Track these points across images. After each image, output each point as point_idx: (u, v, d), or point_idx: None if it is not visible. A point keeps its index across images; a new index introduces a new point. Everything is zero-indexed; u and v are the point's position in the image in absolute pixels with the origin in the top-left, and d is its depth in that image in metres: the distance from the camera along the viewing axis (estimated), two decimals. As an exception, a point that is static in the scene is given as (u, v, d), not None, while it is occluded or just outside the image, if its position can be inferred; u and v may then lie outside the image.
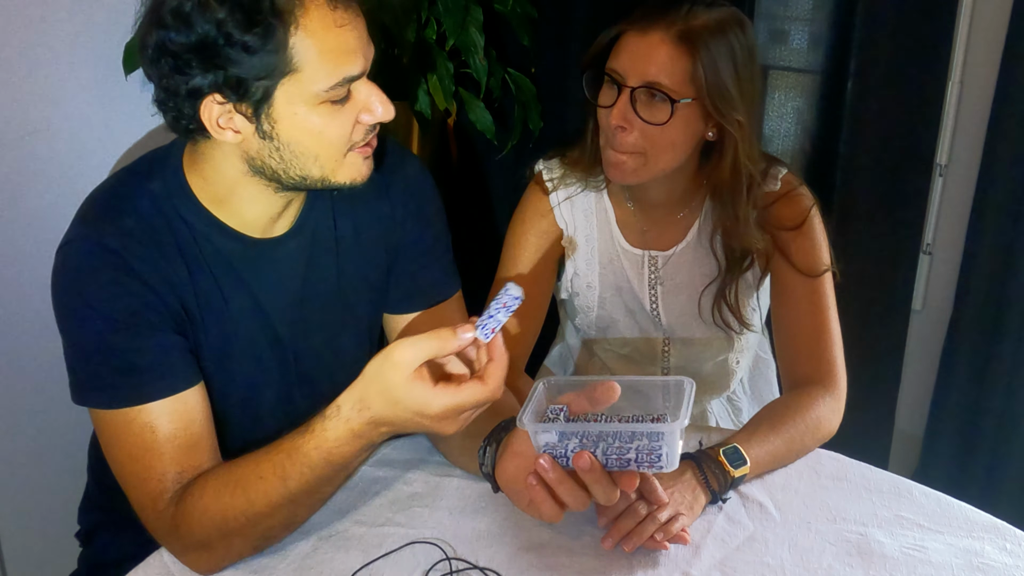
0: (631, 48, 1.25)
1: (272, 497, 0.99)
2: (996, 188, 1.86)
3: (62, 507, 1.38)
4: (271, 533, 1.05)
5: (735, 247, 1.35)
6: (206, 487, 1.01)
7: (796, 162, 2.07)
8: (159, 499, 1.03)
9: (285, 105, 0.98)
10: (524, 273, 1.42)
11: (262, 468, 0.99)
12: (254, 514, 0.99)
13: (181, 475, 1.03)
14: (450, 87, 1.94)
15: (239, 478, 1.00)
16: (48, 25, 1.58)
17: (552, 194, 1.42)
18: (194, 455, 1.05)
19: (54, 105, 1.62)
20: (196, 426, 1.06)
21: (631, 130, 1.25)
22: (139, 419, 1.02)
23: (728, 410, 1.59)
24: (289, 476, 0.98)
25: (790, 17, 2.06)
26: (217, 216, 1.08)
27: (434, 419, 0.92)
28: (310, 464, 0.97)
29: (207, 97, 0.97)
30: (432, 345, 0.90)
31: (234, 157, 1.04)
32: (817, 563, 1.05)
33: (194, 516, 1.00)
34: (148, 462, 1.03)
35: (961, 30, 1.89)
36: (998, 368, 1.93)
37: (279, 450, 0.99)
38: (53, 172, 1.62)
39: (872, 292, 1.99)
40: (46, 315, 1.05)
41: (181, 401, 1.04)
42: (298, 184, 1.05)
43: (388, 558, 1.05)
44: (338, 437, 0.96)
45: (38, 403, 1.68)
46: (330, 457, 0.97)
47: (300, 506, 1.03)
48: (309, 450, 0.97)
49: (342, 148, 1.03)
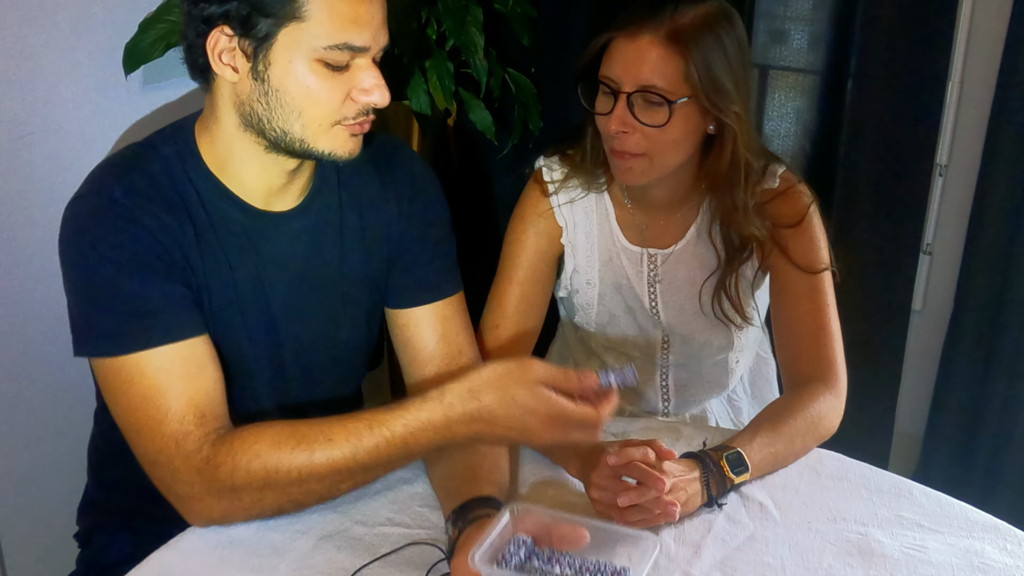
0: (622, 53, 1.25)
1: (335, 460, 1.00)
2: (996, 188, 1.86)
3: (62, 507, 1.38)
4: (307, 499, 1.05)
5: (733, 237, 1.35)
6: (262, 435, 1.02)
7: (796, 162, 2.08)
8: (183, 440, 1.02)
9: (283, 51, 1.01)
10: (523, 272, 1.42)
11: (333, 431, 1.01)
12: (308, 473, 1.01)
13: (203, 420, 1.03)
14: (450, 87, 1.95)
15: (304, 435, 1.01)
16: (48, 25, 1.58)
17: (552, 196, 1.42)
18: (214, 401, 1.05)
19: (54, 105, 1.62)
20: (210, 372, 1.06)
21: (632, 134, 1.26)
22: (152, 362, 1.03)
23: (728, 409, 1.59)
24: (362, 445, 1.00)
25: (790, 17, 2.06)
26: (222, 181, 1.11)
27: (542, 420, 0.98)
28: (389, 438, 1.00)
29: (217, 27, 1.01)
30: (561, 373, 0.99)
31: (230, 106, 1.07)
32: (817, 563, 1.05)
33: (241, 459, 1.01)
34: (164, 404, 1.03)
35: (961, 30, 1.89)
36: (998, 368, 1.93)
37: (357, 419, 1.01)
38: (53, 172, 1.62)
39: (872, 292, 1.99)
40: (46, 315, 1.06)
41: (192, 347, 1.05)
42: (279, 140, 1.06)
43: (388, 558, 1.05)
44: (431, 419, 0.99)
45: (38, 403, 1.68)
46: (411, 438, 1.00)
47: (350, 479, 1.04)
48: (395, 424, 1.00)
49: (328, 116, 1.05)
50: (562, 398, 0.98)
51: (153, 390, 1.03)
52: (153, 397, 1.03)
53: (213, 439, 1.02)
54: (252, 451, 1.01)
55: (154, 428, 1.03)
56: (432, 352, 1.24)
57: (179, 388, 1.03)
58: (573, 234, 1.43)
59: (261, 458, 1.01)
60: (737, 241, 1.36)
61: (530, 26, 2.05)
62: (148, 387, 1.03)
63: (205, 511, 1.04)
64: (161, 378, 1.03)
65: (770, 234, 1.34)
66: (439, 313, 1.24)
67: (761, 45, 2.07)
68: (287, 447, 1.01)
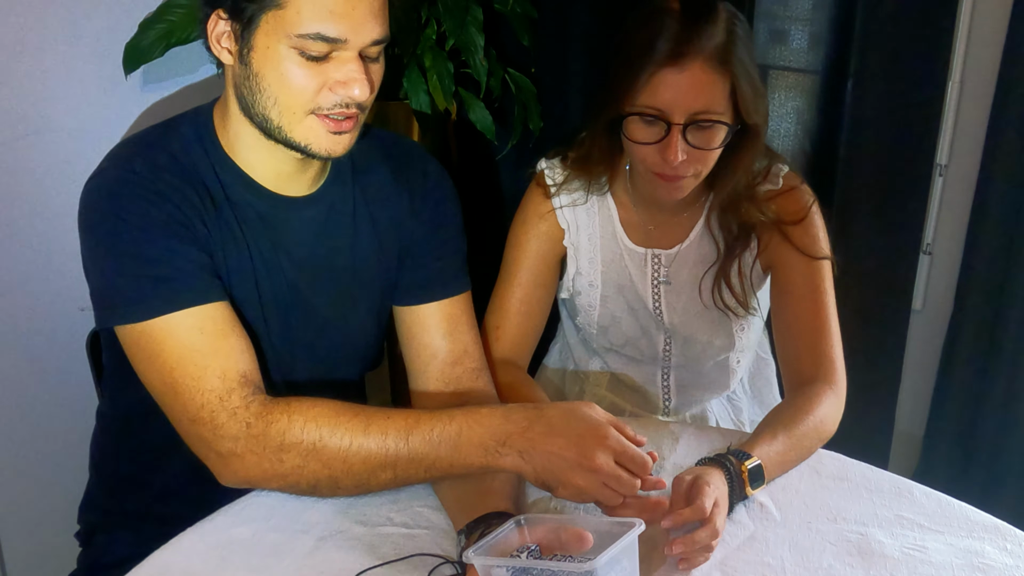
0: (669, 85, 1.21)
1: (386, 442, 1.02)
2: (996, 188, 1.86)
3: (62, 507, 1.38)
4: (344, 480, 1.05)
5: (733, 225, 1.36)
6: (320, 402, 1.04)
7: (796, 162, 2.07)
8: (227, 396, 1.03)
9: (263, 36, 1.03)
10: (526, 274, 1.42)
11: (392, 413, 1.04)
12: (357, 449, 1.02)
13: (246, 377, 1.05)
14: (450, 87, 1.95)
15: (362, 410, 1.04)
16: (48, 25, 1.58)
17: (554, 197, 1.42)
18: (252, 363, 1.07)
19: (54, 105, 1.62)
20: (241, 335, 1.07)
21: (688, 160, 1.24)
22: (184, 323, 1.04)
23: (728, 409, 1.59)
24: (418, 429, 1.03)
25: (790, 17, 2.06)
26: (236, 163, 1.13)
27: (594, 441, 0.99)
28: (440, 430, 1.02)
29: (215, 11, 1.05)
30: (617, 421, 1.03)
31: (231, 89, 1.10)
32: (817, 563, 1.05)
33: (296, 419, 1.02)
34: (202, 361, 1.03)
35: (961, 30, 1.89)
36: (998, 368, 1.93)
37: (412, 411, 1.05)
38: (53, 172, 1.62)
39: (872, 292, 1.99)
40: (46, 314, 1.06)
41: (219, 310, 1.07)
42: (262, 126, 1.08)
43: (388, 558, 1.05)
44: (488, 419, 1.02)
45: (38, 403, 1.68)
46: (462, 437, 1.02)
47: (392, 469, 1.04)
48: (454, 414, 1.03)
49: (302, 104, 1.05)
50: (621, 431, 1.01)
51: (187, 349, 1.03)
52: (188, 355, 1.03)
53: (262, 398, 1.04)
54: (310, 413, 1.02)
55: (193, 385, 1.03)
56: (437, 350, 1.24)
57: (215, 346, 1.04)
58: (576, 236, 1.43)
59: (316, 422, 1.02)
60: (736, 229, 1.36)
61: (530, 26, 2.05)
62: (182, 347, 1.03)
63: (244, 469, 1.04)
64: (194, 338, 1.04)
65: (772, 224, 1.34)
66: (445, 311, 1.25)
67: (761, 45, 2.07)
68: (344, 417, 1.03)
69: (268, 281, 1.16)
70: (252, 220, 1.14)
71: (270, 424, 1.02)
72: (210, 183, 1.12)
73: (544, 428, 1.01)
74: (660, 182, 1.29)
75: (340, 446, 1.02)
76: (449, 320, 1.25)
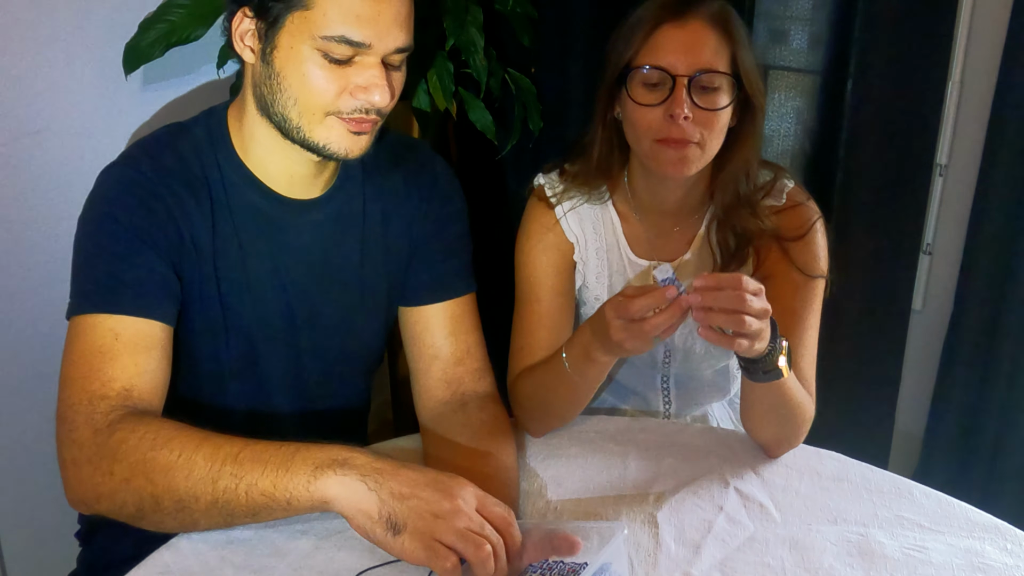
0: (672, 39, 1.23)
1: (220, 450, 0.95)
2: (996, 188, 1.86)
3: (62, 507, 1.37)
4: (165, 501, 0.97)
5: (730, 238, 1.35)
6: (170, 422, 0.99)
7: (796, 162, 2.08)
8: (97, 403, 1.01)
9: (288, 36, 1.04)
10: (544, 289, 1.38)
11: (241, 438, 0.97)
12: (184, 461, 0.96)
13: (128, 392, 1.02)
14: (450, 87, 1.94)
15: (209, 434, 0.98)
16: (48, 25, 1.58)
17: (557, 207, 1.40)
18: (148, 386, 1.04)
19: (54, 105, 1.61)
20: (157, 357, 1.06)
21: (690, 120, 1.23)
22: (105, 324, 1.04)
23: (729, 413, 1.59)
24: (254, 445, 0.95)
25: (790, 17, 2.06)
26: (247, 166, 1.14)
27: (455, 483, 0.93)
28: (278, 448, 0.95)
29: (242, 9, 1.06)
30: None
31: (250, 88, 1.10)
32: (818, 563, 1.05)
33: (138, 432, 0.97)
34: (99, 364, 1.02)
35: (961, 30, 1.89)
36: (998, 368, 1.92)
37: (257, 440, 0.97)
38: (53, 172, 1.62)
39: (872, 292, 1.99)
40: (46, 314, 1.06)
41: (150, 327, 1.06)
42: (281, 126, 1.08)
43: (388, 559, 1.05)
44: (335, 447, 0.95)
45: (38, 402, 1.68)
46: (298, 453, 0.94)
47: (212, 484, 0.95)
48: (307, 443, 0.95)
49: (323, 105, 1.06)
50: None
51: (94, 349, 1.03)
52: (91, 355, 1.03)
53: (126, 412, 1.00)
54: (153, 427, 0.98)
55: (78, 384, 1.02)
56: (439, 349, 1.25)
57: (120, 355, 1.03)
58: (585, 252, 1.42)
59: (156, 435, 0.97)
60: (733, 242, 1.35)
61: (530, 26, 2.04)
62: (91, 346, 1.03)
63: (76, 481, 1.01)
64: (106, 341, 1.03)
65: (772, 236, 1.34)
66: (450, 312, 1.25)
67: (761, 45, 2.07)
68: (185, 435, 0.97)
69: (270, 288, 1.16)
70: (254, 226, 1.14)
71: (113, 434, 0.99)
72: (213, 187, 1.12)
73: (398, 464, 0.95)
74: (666, 154, 1.25)
75: (168, 460, 0.96)
76: (453, 320, 1.25)
